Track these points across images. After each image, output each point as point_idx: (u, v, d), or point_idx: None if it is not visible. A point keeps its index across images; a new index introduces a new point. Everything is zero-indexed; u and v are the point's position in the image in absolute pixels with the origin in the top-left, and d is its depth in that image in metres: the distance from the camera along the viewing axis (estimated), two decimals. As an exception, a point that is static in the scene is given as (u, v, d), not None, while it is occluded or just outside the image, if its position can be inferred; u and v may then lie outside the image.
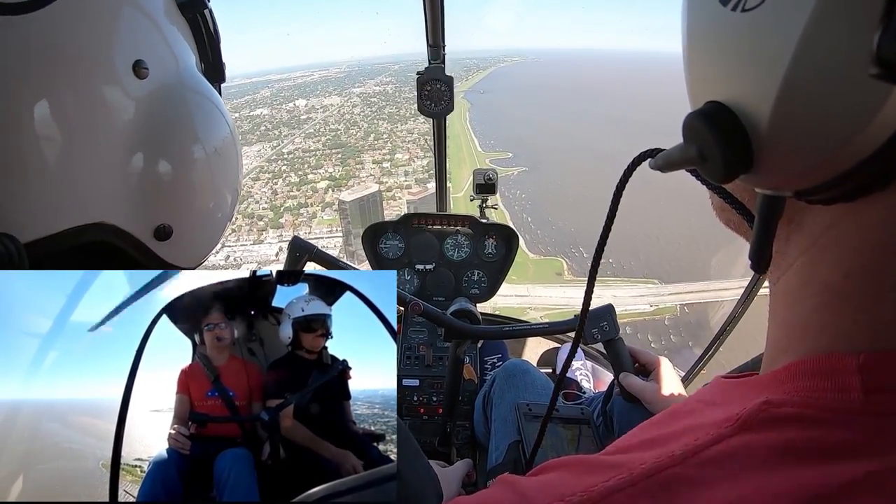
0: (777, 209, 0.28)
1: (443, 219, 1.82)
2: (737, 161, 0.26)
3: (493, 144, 47.49)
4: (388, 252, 1.83)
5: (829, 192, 0.25)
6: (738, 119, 0.25)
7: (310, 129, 52.46)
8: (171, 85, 0.47)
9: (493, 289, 1.85)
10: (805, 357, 0.29)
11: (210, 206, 0.55)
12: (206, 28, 0.57)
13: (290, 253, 1.15)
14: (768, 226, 0.28)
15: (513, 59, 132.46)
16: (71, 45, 0.38)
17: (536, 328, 1.21)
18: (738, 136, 0.25)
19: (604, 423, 1.13)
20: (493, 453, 1.18)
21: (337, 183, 38.05)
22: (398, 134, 47.42)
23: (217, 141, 0.53)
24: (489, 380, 1.38)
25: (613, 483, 0.29)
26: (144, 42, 0.45)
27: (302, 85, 70.75)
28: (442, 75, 1.64)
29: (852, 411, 0.26)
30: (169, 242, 0.49)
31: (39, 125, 0.36)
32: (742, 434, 0.28)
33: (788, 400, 0.28)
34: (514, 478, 0.36)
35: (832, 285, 0.28)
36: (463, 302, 1.23)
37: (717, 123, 0.26)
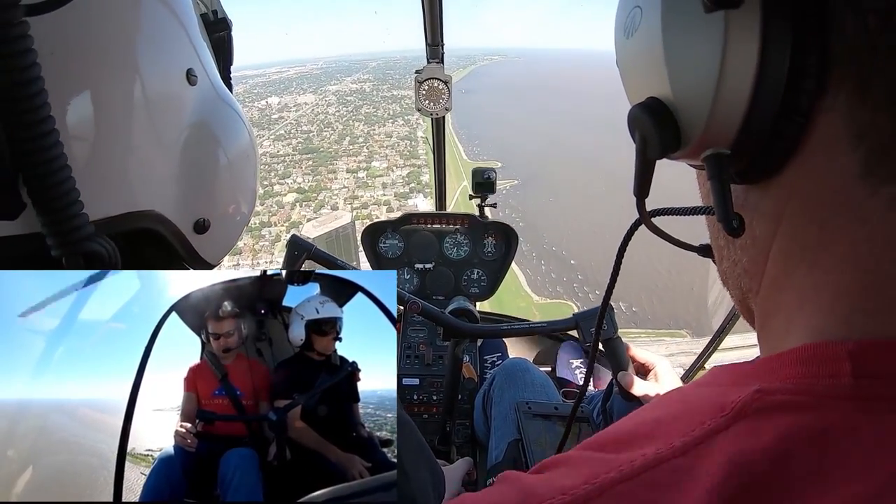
0: (722, 167, 0.30)
1: (442, 218, 1.83)
2: (669, 139, 0.31)
3: (479, 152, 43.74)
4: (388, 251, 1.83)
5: (744, 163, 0.30)
6: (667, 107, 0.31)
7: (280, 131, 48.24)
8: (212, 92, 0.52)
9: (493, 288, 1.86)
10: (798, 344, 0.30)
11: (239, 204, 0.59)
12: (224, 48, 0.62)
13: (288, 251, 1.16)
14: (723, 183, 0.30)
15: (493, 58, 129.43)
16: (135, 45, 0.42)
17: (535, 327, 1.21)
18: (668, 119, 0.31)
19: (603, 421, 1.11)
20: (492, 452, 1.19)
21: (306, 196, 33.39)
22: (375, 137, 43.32)
23: (245, 144, 0.57)
24: (489, 378, 1.40)
25: (615, 475, 0.29)
26: (192, 54, 0.49)
27: (276, 81, 66.44)
28: (441, 74, 1.65)
29: (842, 397, 0.26)
30: (205, 236, 0.51)
31: (109, 115, 0.39)
32: (736, 424, 0.28)
33: (781, 387, 0.28)
34: (517, 474, 0.36)
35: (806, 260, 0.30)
36: (461, 301, 1.23)
37: (650, 111, 0.31)
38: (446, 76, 1.65)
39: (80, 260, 0.36)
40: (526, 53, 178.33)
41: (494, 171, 1.80)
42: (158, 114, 0.44)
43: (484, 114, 64.91)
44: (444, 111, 1.71)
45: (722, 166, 0.30)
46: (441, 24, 1.57)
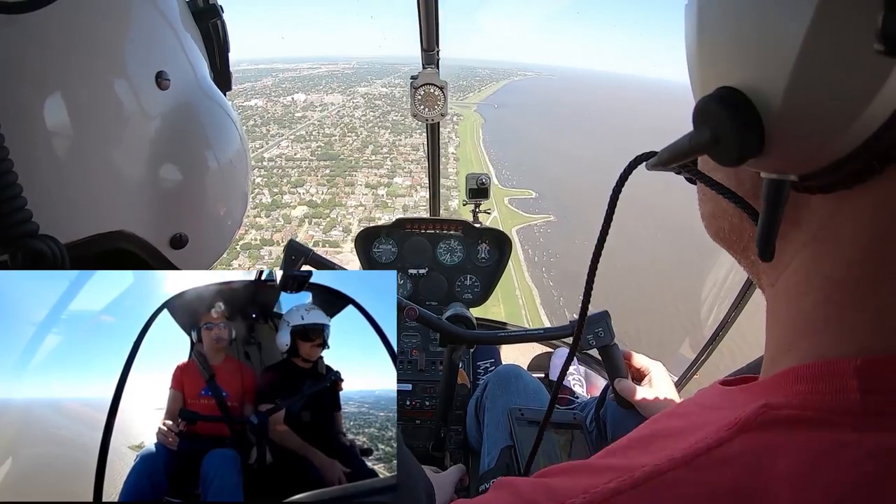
0: (782, 194, 0.28)
1: (436, 223, 1.83)
2: (750, 142, 0.27)
3: (510, 175, 39.72)
4: (381, 256, 1.84)
5: (831, 177, 0.26)
6: (751, 101, 0.26)
7: (301, 131, 45.32)
8: (189, 96, 0.48)
9: (486, 294, 1.85)
10: (805, 362, 0.30)
11: (223, 214, 0.55)
12: (217, 36, 0.56)
13: (285, 256, 1.17)
14: (775, 210, 0.28)
15: (526, 74, 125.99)
16: (89, 47, 0.38)
17: (532, 334, 1.22)
18: (752, 117, 0.26)
19: (597, 428, 1.12)
20: (485, 458, 1.19)
21: (317, 212, 29.75)
22: (400, 149, 40.11)
23: (231, 151, 0.53)
24: (482, 384, 1.40)
25: (615, 485, 0.28)
26: (166, 52, 0.45)
27: (307, 77, 64.38)
28: (436, 80, 1.64)
29: (850, 412, 0.26)
30: (183, 251, 0.50)
31: (62, 133, 0.36)
32: (742, 436, 0.28)
33: (787, 402, 0.28)
34: (514, 480, 0.35)
35: (834, 277, 0.29)
36: (458, 307, 1.23)
37: (732, 105, 0.27)
38: (442, 82, 1.65)
39: (21, 259, 0.34)
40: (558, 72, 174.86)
41: (488, 176, 1.84)
42: (121, 125, 0.41)
43: (515, 132, 60.92)
44: (439, 117, 1.70)
45: (784, 193, 0.28)
46: (437, 30, 1.56)
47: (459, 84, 66.27)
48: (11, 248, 0.33)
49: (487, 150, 47.88)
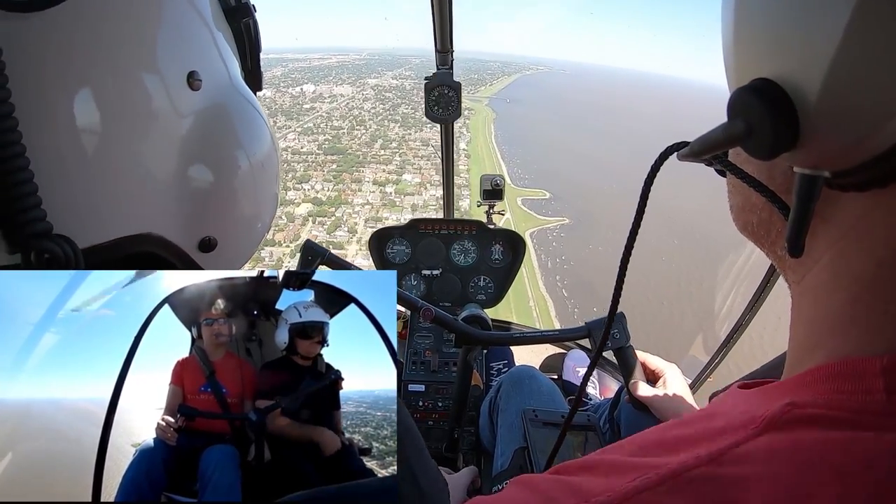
0: (815, 190, 0.28)
1: (450, 224, 1.84)
2: (784, 135, 0.26)
3: (522, 174, 38.25)
4: (395, 257, 1.84)
5: (866, 174, 0.26)
6: (787, 94, 0.26)
7: (309, 124, 44.07)
8: (221, 96, 0.47)
9: (500, 295, 1.85)
10: (830, 361, 0.29)
11: (253, 216, 0.55)
12: (249, 36, 0.56)
13: (302, 256, 1.17)
14: (807, 206, 0.28)
15: (539, 68, 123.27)
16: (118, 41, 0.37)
17: (548, 335, 1.23)
18: (788, 109, 0.26)
19: (611, 429, 1.12)
20: (498, 459, 1.17)
21: (321, 210, 28.49)
22: (410, 144, 38.82)
23: (262, 153, 0.52)
24: (495, 385, 1.38)
25: (639, 483, 0.28)
26: (199, 50, 0.45)
27: (316, 68, 63.25)
28: (450, 81, 1.63)
29: (876, 412, 0.26)
30: (212, 254, 0.49)
31: (87, 130, 0.35)
32: (767, 434, 0.28)
33: (812, 401, 0.28)
34: (532, 477, 0.35)
35: (863, 277, 0.28)
36: (474, 308, 1.24)
37: (768, 97, 0.26)
38: (455, 83, 1.64)
39: (34, 260, 0.33)
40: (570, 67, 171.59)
41: (503, 178, 1.86)
42: (150, 124, 0.40)
43: (528, 128, 59.11)
44: (453, 118, 1.69)
45: (817, 189, 0.28)
46: (451, 31, 1.54)
47: (471, 77, 64.62)
48: (23, 248, 0.33)
49: (500, 146, 46.47)
